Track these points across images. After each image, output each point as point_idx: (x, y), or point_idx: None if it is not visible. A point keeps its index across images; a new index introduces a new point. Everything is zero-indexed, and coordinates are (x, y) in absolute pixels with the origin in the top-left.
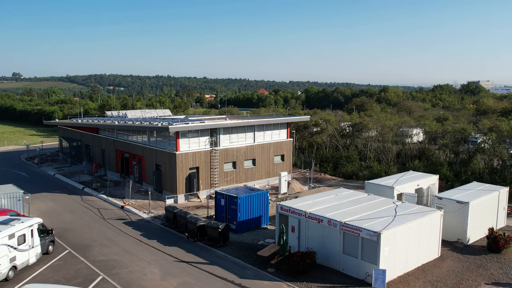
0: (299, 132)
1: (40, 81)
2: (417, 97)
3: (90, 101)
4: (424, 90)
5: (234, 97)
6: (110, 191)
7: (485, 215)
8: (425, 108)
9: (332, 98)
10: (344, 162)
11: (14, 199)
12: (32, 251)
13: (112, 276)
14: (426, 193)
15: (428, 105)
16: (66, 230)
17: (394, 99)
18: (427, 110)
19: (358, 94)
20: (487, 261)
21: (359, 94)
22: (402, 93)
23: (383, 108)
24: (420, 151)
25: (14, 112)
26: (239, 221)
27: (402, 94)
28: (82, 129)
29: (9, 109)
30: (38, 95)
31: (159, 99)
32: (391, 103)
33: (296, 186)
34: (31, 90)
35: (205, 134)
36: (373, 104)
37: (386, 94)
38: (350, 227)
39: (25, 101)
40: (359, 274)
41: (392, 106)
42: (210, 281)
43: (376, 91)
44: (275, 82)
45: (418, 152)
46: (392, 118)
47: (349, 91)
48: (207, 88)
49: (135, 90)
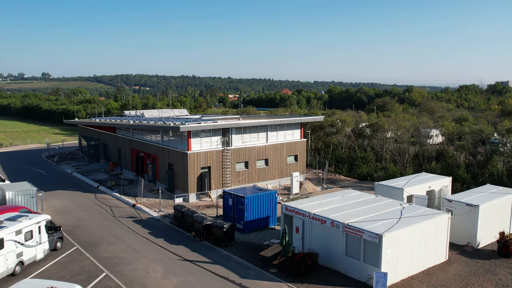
0: (315, 132)
1: (68, 81)
2: (442, 97)
3: (113, 101)
4: (449, 91)
5: (256, 97)
6: (124, 190)
7: (497, 219)
8: (448, 108)
9: (355, 98)
10: (360, 163)
11: (28, 196)
12: (39, 247)
13: (115, 273)
14: (438, 195)
15: (451, 106)
16: (77, 227)
17: (418, 100)
18: (450, 111)
19: (382, 94)
20: (496, 266)
21: (383, 94)
22: (427, 94)
23: (405, 109)
24: (438, 152)
25: (40, 111)
26: (246, 221)
27: (427, 94)
28: (100, 128)
29: (36, 108)
30: (64, 94)
31: (180, 99)
32: (415, 103)
33: (309, 187)
34: (58, 90)
35: (217, 134)
36: (394, 105)
37: (410, 95)
38: (353, 229)
39: (51, 101)
40: (361, 277)
41: (415, 106)
42: (211, 280)
43: (400, 92)
44: (299, 82)
45: (437, 154)
46: (410, 119)
47: (373, 91)
48: (232, 88)
49: (160, 90)
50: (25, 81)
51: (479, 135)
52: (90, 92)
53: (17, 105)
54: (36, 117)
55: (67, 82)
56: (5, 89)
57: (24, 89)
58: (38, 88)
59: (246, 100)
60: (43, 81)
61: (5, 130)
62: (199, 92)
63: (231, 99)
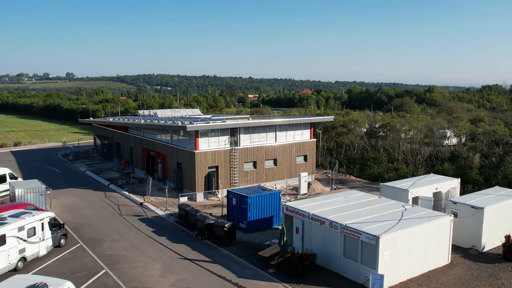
0: (327, 132)
1: (92, 81)
2: (463, 98)
3: (131, 101)
4: (471, 91)
5: (276, 97)
6: (133, 188)
7: (504, 222)
8: (468, 109)
9: (375, 98)
10: (371, 163)
11: (37, 194)
12: (42, 243)
13: (115, 271)
14: (445, 197)
15: (471, 106)
16: (83, 225)
17: (439, 100)
18: (470, 111)
19: (402, 94)
20: (500, 270)
21: (403, 94)
22: (449, 94)
23: (424, 109)
24: (452, 153)
25: (61, 110)
26: (249, 221)
27: (449, 94)
28: (113, 127)
29: (57, 107)
30: (87, 94)
31: (197, 99)
32: (436, 104)
33: (317, 187)
34: (80, 89)
35: (225, 134)
36: (413, 105)
37: (431, 95)
38: (351, 230)
39: (71, 100)
40: (358, 278)
41: (435, 107)
42: (208, 279)
43: (421, 92)
44: (320, 82)
45: (451, 155)
46: (424, 119)
47: (393, 91)
48: (252, 88)
49: (181, 90)
50: (49, 81)
51: (492, 136)
52: (112, 92)
53: (39, 104)
54: (57, 116)
55: (90, 82)
56: (30, 88)
57: (48, 88)
58: (62, 87)
59: (265, 100)
60: (67, 81)
61: (26, 128)
62: (219, 92)
63: (250, 99)
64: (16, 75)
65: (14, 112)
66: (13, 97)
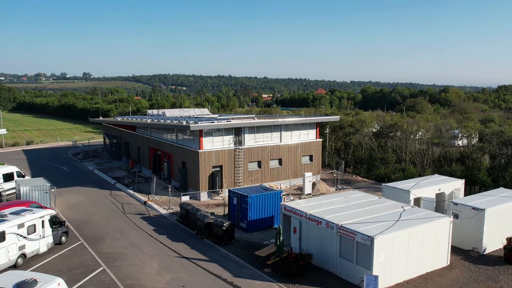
0: (335, 132)
1: (108, 81)
2: (478, 98)
3: (143, 100)
4: (487, 91)
5: (289, 96)
6: (139, 187)
7: (506, 224)
8: (482, 109)
9: (389, 98)
10: (379, 164)
11: (41, 192)
12: (42, 240)
13: (112, 268)
14: (448, 198)
15: (485, 107)
16: (85, 223)
17: (455, 100)
18: (484, 112)
19: (417, 94)
20: (499, 273)
21: (418, 94)
22: (464, 94)
23: (436, 109)
24: (462, 154)
25: (75, 110)
26: (249, 220)
27: (464, 95)
28: (122, 127)
29: (71, 107)
30: (102, 94)
31: (208, 99)
32: (450, 104)
33: (322, 187)
34: (96, 89)
35: (229, 133)
36: (425, 105)
37: (446, 95)
38: (346, 230)
39: (86, 100)
40: (354, 279)
41: (449, 107)
42: (204, 277)
43: (436, 92)
44: (335, 82)
45: (461, 155)
46: (433, 119)
47: (408, 91)
48: (267, 88)
49: (196, 90)
50: (66, 81)
51: (500, 137)
52: (128, 91)
53: (55, 104)
54: (71, 115)
55: (106, 81)
56: (47, 88)
57: (65, 88)
58: (78, 87)
59: (279, 100)
60: (83, 81)
61: (40, 128)
62: (233, 92)
63: (264, 98)
64: (34, 75)
65: (31, 112)
66: (29, 96)
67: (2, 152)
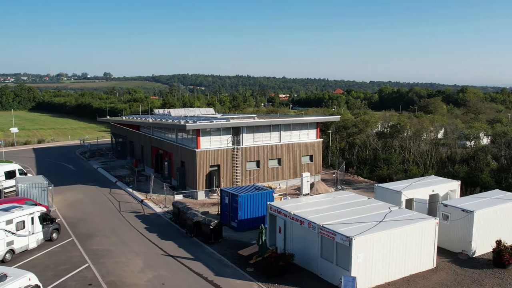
0: (339, 132)
1: (128, 81)
2: (496, 98)
3: (156, 100)
4: (506, 91)
5: (305, 96)
6: (139, 186)
7: (499, 226)
8: (498, 110)
9: (406, 98)
10: (382, 164)
11: (39, 189)
12: (32, 237)
13: (97, 265)
14: (442, 199)
15: (501, 107)
16: (80, 220)
17: (473, 100)
18: (499, 112)
19: (434, 94)
20: (486, 276)
21: (435, 94)
22: (483, 94)
23: (450, 109)
24: (469, 155)
25: (91, 109)
26: (239, 220)
27: (483, 95)
28: (127, 126)
29: (87, 106)
30: (120, 93)
31: (220, 98)
32: (466, 104)
33: (321, 188)
34: (114, 88)
35: (228, 133)
36: (439, 105)
37: (464, 95)
38: (327, 231)
39: (102, 99)
40: (334, 280)
41: (464, 107)
42: (185, 276)
43: (454, 92)
44: (355, 82)
45: (468, 156)
46: (439, 120)
47: (425, 91)
48: (285, 88)
49: (214, 90)
50: (87, 81)
51: (502, 138)
52: (147, 91)
53: (72, 103)
54: (87, 115)
55: (126, 81)
56: (68, 88)
57: (86, 88)
58: (99, 87)
59: (295, 100)
60: (104, 81)
61: (55, 127)
62: (250, 92)
63: (281, 98)
64: (56, 75)
65: (49, 111)
66: (48, 96)
67: (13, 150)
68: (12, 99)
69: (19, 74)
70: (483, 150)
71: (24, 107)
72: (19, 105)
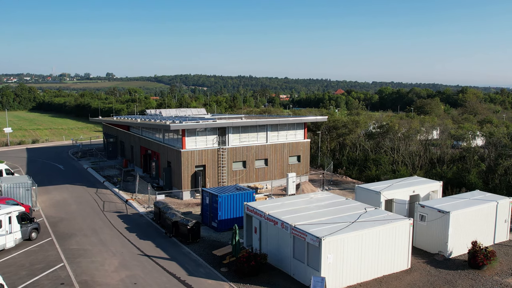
0: (330, 133)
1: (130, 81)
2: (495, 99)
3: (153, 100)
4: (505, 92)
5: (306, 97)
6: (126, 186)
7: (476, 227)
8: (495, 110)
9: (406, 99)
10: (371, 165)
11: (23, 189)
12: (9, 236)
13: (72, 264)
14: (423, 200)
15: (498, 108)
16: (62, 220)
17: (472, 101)
18: (496, 113)
19: (434, 95)
20: (460, 277)
21: (435, 95)
22: (483, 95)
23: (446, 110)
24: (458, 156)
25: (90, 109)
26: (219, 220)
27: (483, 96)
28: (118, 126)
29: (86, 106)
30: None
31: (217, 99)
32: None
33: (307, 188)
34: (114, 89)
35: (213, 133)
36: (435, 105)
37: (464, 96)
38: (298, 231)
39: (101, 100)
40: (305, 280)
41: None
42: (158, 275)
43: (453, 92)
44: (357, 82)
45: (457, 157)
46: (429, 120)
47: (425, 92)
48: (287, 88)
49: (216, 90)
50: (90, 81)
51: (489, 138)
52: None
53: (71, 103)
54: (86, 115)
55: (129, 82)
56: (71, 88)
57: (88, 88)
58: (101, 87)
59: (295, 100)
60: (106, 81)
61: (52, 127)
62: (251, 93)
63: (282, 99)
64: (59, 75)
65: (49, 111)
66: (48, 96)
67: (6, 150)
68: (12, 99)
69: (22, 75)
70: (470, 151)
71: (25, 107)
72: (20, 105)
